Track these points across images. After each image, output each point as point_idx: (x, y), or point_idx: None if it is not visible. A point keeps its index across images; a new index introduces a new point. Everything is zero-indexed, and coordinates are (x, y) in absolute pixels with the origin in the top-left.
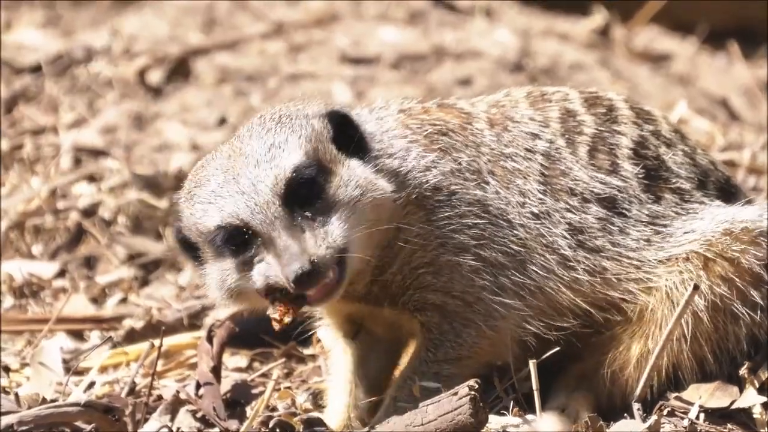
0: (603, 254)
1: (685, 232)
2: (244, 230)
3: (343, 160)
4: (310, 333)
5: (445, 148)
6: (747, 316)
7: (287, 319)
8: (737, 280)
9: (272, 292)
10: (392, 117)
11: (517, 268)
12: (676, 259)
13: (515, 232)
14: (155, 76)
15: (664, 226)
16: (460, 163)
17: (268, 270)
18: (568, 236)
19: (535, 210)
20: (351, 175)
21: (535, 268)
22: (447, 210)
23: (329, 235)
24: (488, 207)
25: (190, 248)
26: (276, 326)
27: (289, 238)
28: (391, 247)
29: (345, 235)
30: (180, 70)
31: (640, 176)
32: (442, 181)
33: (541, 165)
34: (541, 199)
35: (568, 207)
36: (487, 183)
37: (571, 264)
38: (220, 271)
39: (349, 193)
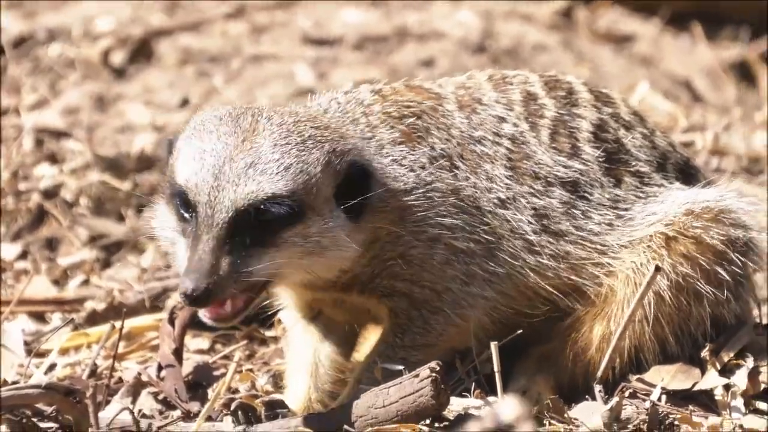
0: (566, 238)
1: (647, 215)
2: (193, 208)
3: (329, 209)
4: (272, 315)
5: (421, 134)
6: (711, 294)
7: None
8: (700, 257)
9: None
10: (372, 110)
11: (487, 255)
12: (640, 241)
13: (484, 218)
14: (118, 58)
15: (626, 209)
16: (434, 149)
17: (181, 257)
18: (533, 221)
19: (502, 195)
20: (321, 230)
21: (503, 255)
22: (423, 205)
23: (249, 272)
24: (460, 194)
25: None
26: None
27: (207, 252)
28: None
29: (270, 275)
30: (142, 51)
31: (600, 159)
32: (417, 179)
33: (507, 149)
34: (507, 184)
35: (533, 191)
36: (458, 168)
37: (536, 249)
38: (162, 214)
39: (304, 245)
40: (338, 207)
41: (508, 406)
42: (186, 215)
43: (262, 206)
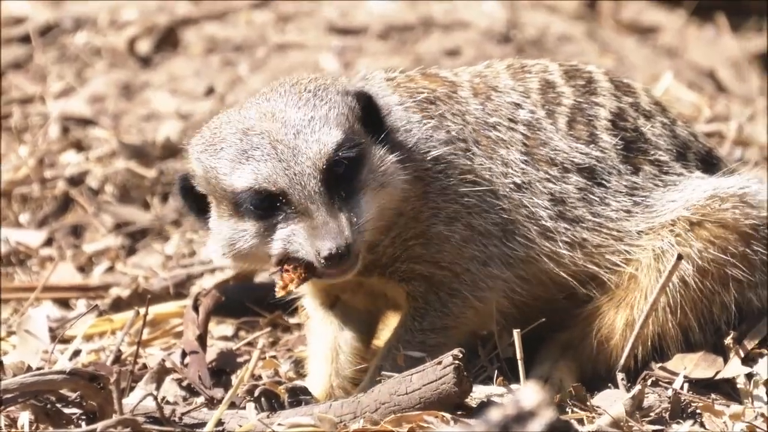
0: (583, 225)
1: (667, 202)
2: (277, 197)
3: (370, 142)
4: (296, 301)
5: (435, 116)
6: (739, 277)
7: (292, 287)
8: (726, 241)
9: (286, 261)
10: (385, 85)
11: (503, 237)
12: (662, 226)
13: (499, 202)
14: (144, 46)
15: (644, 197)
16: (449, 132)
17: (291, 238)
18: (549, 207)
19: (518, 180)
20: (380, 161)
21: (518, 238)
22: (443, 181)
23: (359, 217)
24: (477, 176)
25: (192, 197)
26: (280, 292)
27: (327, 215)
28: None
29: (367, 221)
30: (168, 40)
31: (618, 147)
32: (440, 151)
33: (523, 135)
34: (523, 169)
35: (549, 177)
36: (473, 153)
37: (552, 235)
38: (234, 230)
39: (378, 179)
40: (371, 139)
41: (529, 393)
42: (260, 211)
43: (336, 157)
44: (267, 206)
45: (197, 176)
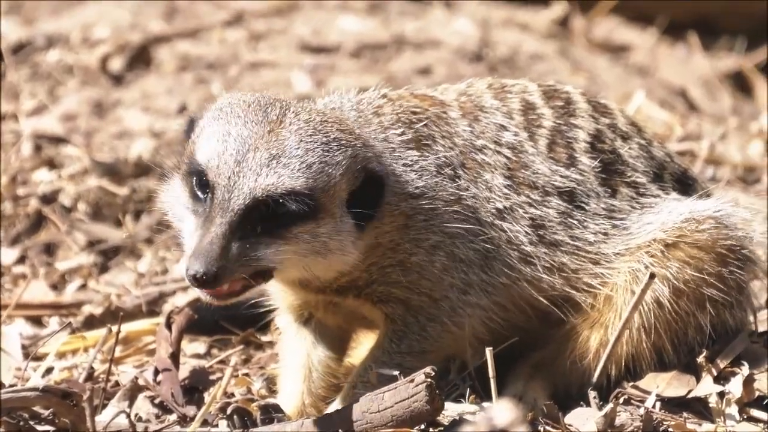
0: (562, 249)
1: (644, 224)
2: (211, 189)
3: (341, 213)
4: (269, 320)
5: (428, 141)
6: (714, 298)
7: None
8: (702, 263)
9: None
10: (384, 111)
11: (483, 265)
12: (638, 248)
13: (483, 229)
14: (116, 64)
15: (621, 219)
16: (438, 157)
17: (191, 236)
18: (529, 232)
19: (500, 205)
20: (330, 232)
21: (499, 265)
22: (428, 212)
23: (257, 258)
24: (462, 203)
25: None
26: None
27: (220, 237)
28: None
29: (272, 265)
30: (141, 57)
31: (597, 170)
32: (426, 185)
33: (507, 158)
34: (506, 194)
35: (530, 201)
36: (460, 177)
37: (531, 260)
38: (177, 188)
39: (311, 243)
40: (348, 212)
41: (502, 410)
42: (200, 195)
43: (280, 199)
44: (201, 189)
45: (199, 125)
